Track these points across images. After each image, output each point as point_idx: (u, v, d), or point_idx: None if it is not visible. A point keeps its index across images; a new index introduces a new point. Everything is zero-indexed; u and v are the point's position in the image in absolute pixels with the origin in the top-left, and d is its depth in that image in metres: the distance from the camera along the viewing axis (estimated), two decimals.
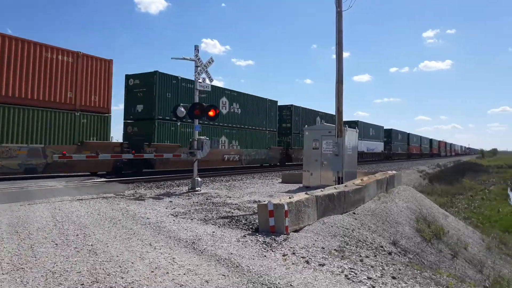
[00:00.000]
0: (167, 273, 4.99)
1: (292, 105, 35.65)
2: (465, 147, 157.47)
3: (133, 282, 4.64)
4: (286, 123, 35.39)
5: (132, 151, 17.88)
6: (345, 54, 13.72)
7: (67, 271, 4.96)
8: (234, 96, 27.61)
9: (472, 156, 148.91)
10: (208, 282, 4.73)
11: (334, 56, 14.45)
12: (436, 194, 26.72)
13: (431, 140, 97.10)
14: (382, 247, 7.97)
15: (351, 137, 15.81)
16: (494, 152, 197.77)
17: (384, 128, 60.71)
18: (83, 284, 4.53)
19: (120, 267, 5.15)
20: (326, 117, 39.37)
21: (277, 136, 33.09)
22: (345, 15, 13.41)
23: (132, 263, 5.33)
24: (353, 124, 44.58)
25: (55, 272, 4.90)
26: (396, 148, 65.89)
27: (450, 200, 26.98)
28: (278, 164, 32.72)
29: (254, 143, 29.62)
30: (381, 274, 5.56)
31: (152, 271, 5.03)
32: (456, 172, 50.78)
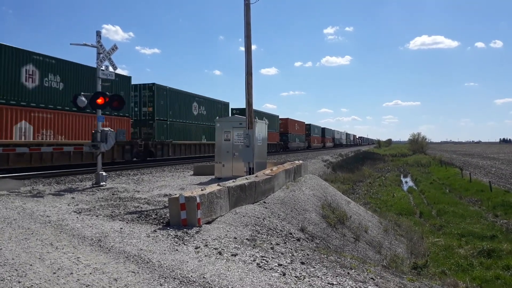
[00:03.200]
0: (71, 273, 4.67)
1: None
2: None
3: (32, 286, 4.26)
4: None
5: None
6: (253, 47, 13.93)
7: None
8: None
9: (370, 146, 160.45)
10: (117, 280, 4.52)
11: (242, 48, 14.62)
12: (339, 181, 28.45)
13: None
14: (291, 234, 8.28)
15: (261, 128, 16.14)
16: (389, 142, 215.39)
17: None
18: None
19: (16, 270, 4.70)
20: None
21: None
22: (253, 8, 13.59)
23: (31, 265, 4.90)
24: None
25: None
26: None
27: (352, 187, 28.88)
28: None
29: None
30: (291, 260, 5.77)
31: (54, 273, 4.67)
32: (356, 161, 54.53)
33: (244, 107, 14.37)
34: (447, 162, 55.09)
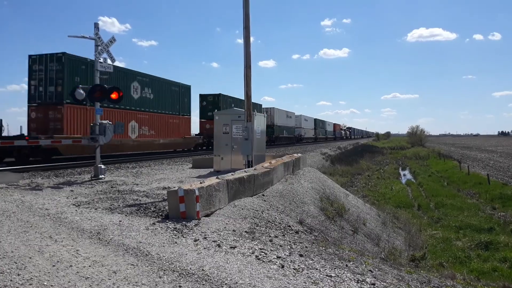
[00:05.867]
0: (71, 266, 4.69)
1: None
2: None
3: (31, 278, 4.28)
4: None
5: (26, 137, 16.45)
6: (251, 39, 13.86)
7: None
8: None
9: (368, 139, 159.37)
10: (116, 273, 4.54)
11: (239, 40, 14.61)
12: (337, 174, 28.51)
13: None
14: (290, 226, 8.30)
15: (259, 121, 16.12)
16: (388, 135, 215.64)
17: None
18: None
19: (16, 263, 4.71)
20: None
21: None
22: (251, 0, 13.45)
23: (30, 258, 4.91)
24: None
25: None
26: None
27: (350, 180, 28.97)
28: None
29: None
30: (290, 253, 5.80)
31: (54, 265, 4.69)
32: (355, 153, 54.59)
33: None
34: (446, 155, 55.20)
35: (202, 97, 36.89)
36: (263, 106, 53.50)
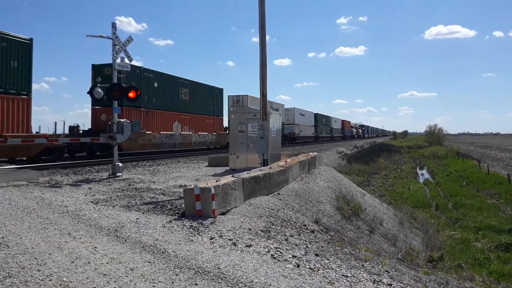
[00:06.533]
0: (89, 263, 4.76)
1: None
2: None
3: (51, 274, 4.36)
4: None
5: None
6: (267, 38, 13.84)
7: None
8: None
9: (385, 138, 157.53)
10: (133, 270, 4.59)
11: (255, 39, 14.66)
12: (354, 173, 28.31)
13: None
14: (305, 226, 8.28)
15: (275, 120, 16.10)
16: (405, 133, 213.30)
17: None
18: None
19: (36, 259, 4.80)
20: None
21: None
22: None
23: (50, 254, 5.01)
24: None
25: None
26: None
27: (367, 179, 28.74)
28: None
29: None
30: (305, 252, 5.78)
31: (72, 262, 4.77)
32: (371, 152, 54.12)
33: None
34: (464, 154, 54.28)
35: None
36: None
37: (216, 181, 8.02)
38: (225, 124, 36.49)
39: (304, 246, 6.17)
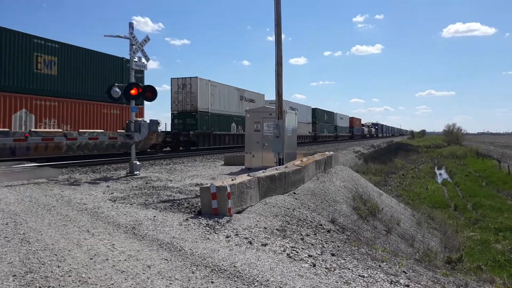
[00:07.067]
0: (107, 259, 4.83)
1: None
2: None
3: (70, 270, 4.44)
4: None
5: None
6: (282, 36, 13.80)
7: None
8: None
9: (402, 137, 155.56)
10: (150, 267, 4.64)
11: (270, 38, 14.55)
12: (370, 173, 28.04)
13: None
14: (321, 225, 8.25)
15: (291, 119, 16.07)
16: (423, 133, 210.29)
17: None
18: (15, 275, 4.26)
19: (56, 255, 4.90)
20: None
21: None
22: None
23: (69, 250, 5.10)
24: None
25: None
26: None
27: (384, 179, 28.45)
28: None
29: None
30: (321, 252, 5.76)
31: (91, 258, 4.84)
32: (388, 152, 53.54)
33: (275, 98, 14.22)
34: (484, 154, 53.29)
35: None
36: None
37: (232, 180, 8.05)
38: (149, 116, 35.25)
39: (320, 246, 6.14)
